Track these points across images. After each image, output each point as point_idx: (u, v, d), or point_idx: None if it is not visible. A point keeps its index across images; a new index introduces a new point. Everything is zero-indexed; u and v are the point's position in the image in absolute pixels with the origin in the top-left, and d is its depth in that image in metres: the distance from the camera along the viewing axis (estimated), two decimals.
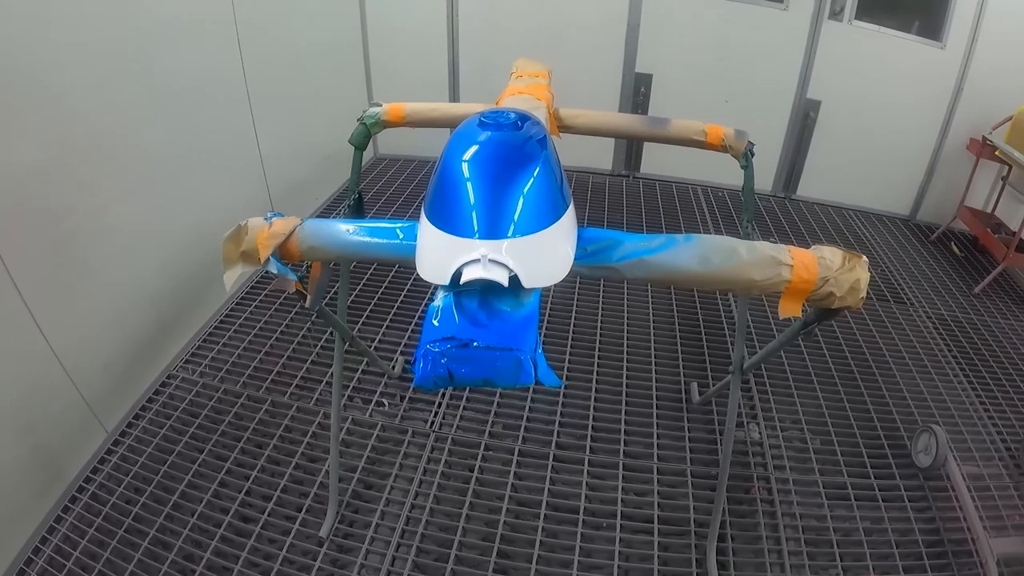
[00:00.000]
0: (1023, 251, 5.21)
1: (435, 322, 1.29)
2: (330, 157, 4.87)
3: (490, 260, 1.20)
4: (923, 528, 3.02)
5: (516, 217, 1.27)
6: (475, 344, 1.24)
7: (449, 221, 1.29)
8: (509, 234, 1.25)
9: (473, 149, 1.36)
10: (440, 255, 1.26)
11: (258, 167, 4.04)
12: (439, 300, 1.31)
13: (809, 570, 2.73)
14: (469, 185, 1.30)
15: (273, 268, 1.59)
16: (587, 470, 3.04)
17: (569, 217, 1.43)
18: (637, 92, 5.56)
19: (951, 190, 5.83)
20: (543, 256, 1.31)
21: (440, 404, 3.29)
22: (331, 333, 3.31)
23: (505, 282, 1.21)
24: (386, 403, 3.29)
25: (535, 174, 1.34)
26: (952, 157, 5.86)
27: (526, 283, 1.24)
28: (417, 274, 1.31)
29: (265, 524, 2.68)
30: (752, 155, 2.45)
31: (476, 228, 1.25)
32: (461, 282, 1.22)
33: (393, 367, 3.40)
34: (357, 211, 2.49)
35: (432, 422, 3.20)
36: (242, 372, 3.39)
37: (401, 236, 1.51)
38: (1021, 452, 3.54)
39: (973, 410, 3.87)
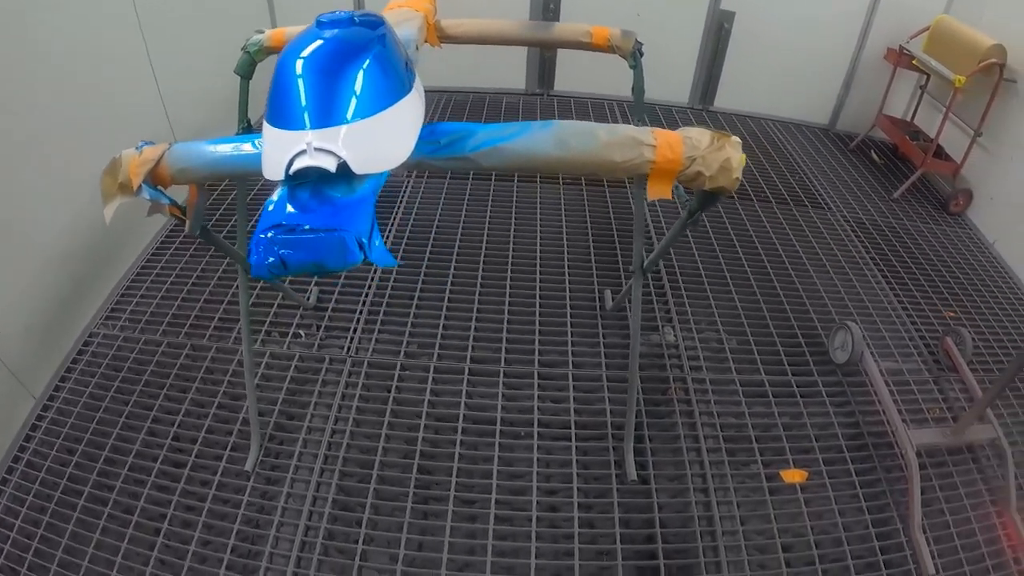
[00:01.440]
0: (940, 157, 5.26)
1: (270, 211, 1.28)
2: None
3: (316, 148, 1.21)
4: (842, 422, 3.06)
5: (344, 105, 1.28)
6: (303, 227, 1.22)
7: (282, 117, 1.29)
8: (337, 122, 1.26)
9: (303, 46, 1.37)
10: (275, 151, 1.27)
11: (159, 109, 3.85)
12: (276, 194, 1.29)
13: (729, 465, 2.74)
14: (300, 81, 1.31)
15: (146, 194, 1.61)
16: (503, 381, 3.00)
17: (407, 105, 1.43)
18: (547, 8, 5.37)
19: (870, 99, 5.82)
20: (374, 142, 1.31)
21: (355, 330, 3.22)
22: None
23: (333, 168, 1.21)
24: (303, 334, 3.21)
25: (364, 65, 1.34)
26: (870, 67, 5.84)
27: (356, 169, 1.23)
28: None
29: (194, 466, 2.62)
30: (641, 55, 2.42)
31: (307, 120, 1.25)
32: (291, 172, 1.22)
33: (308, 298, 3.31)
34: None
35: (348, 348, 3.14)
36: (161, 321, 3.26)
37: (259, 146, 1.50)
38: (940, 349, 3.57)
39: (892, 310, 3.91)
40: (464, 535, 2.44)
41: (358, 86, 1.30)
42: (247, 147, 1.55)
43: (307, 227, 1.21)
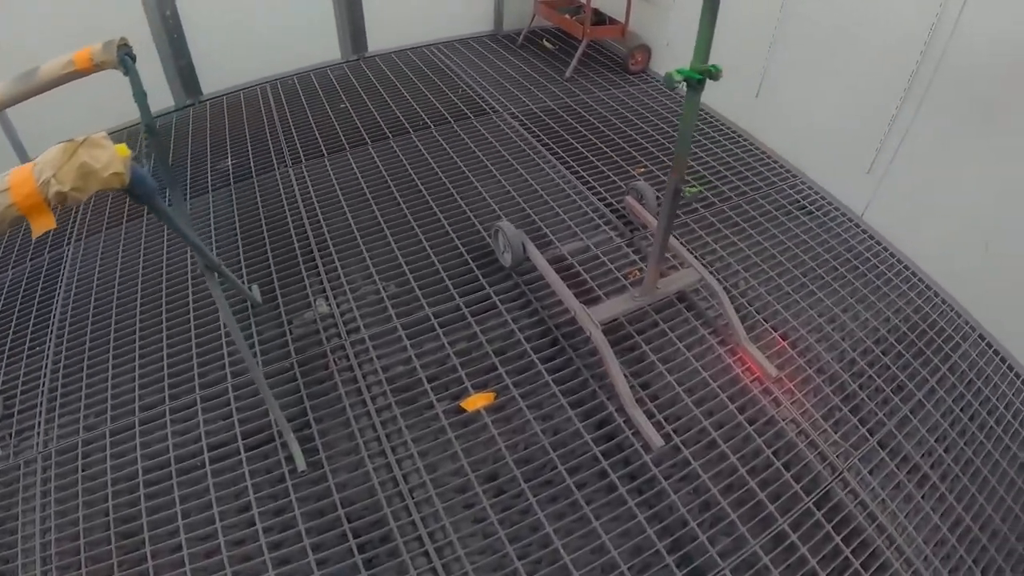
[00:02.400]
0: (604, 23, 5.30)
1: None
2: None
3: None
4: (526, 325, 2.96)
5: None
6: None
7: None
8: None
9: None
10: None
11: None
12: None
13: (402, 418, 2.58)
14: None
15: None
16: (169, 420, 2.77)
17: None
18: (164, 17, 4.87)
19: None
20: None
21: (39, 423, 2.94)
22: None
23: None
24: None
25: None
26: None
27: None
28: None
29: None
30: (133, 59, 2.23)
31: None
32: None
33: None
34: None
35: (36, 444, 2.86)
36: None
37: None
38: (627, 209, 3.53)
39: (572, 190, 3.85)
40: None
41: None
42: None
43: None
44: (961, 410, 2.86)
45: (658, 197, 3.38)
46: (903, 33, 3.27)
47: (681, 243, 3.30)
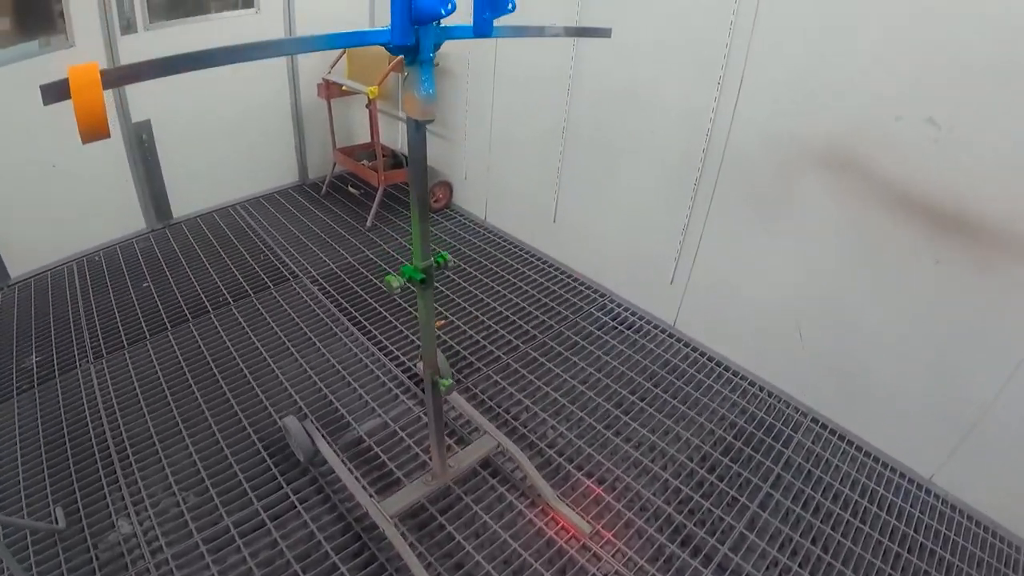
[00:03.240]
0: (401, 166, 5.43)
1: None
2: None
3: None
4: (327, 522, 2.96)
5: None
6: None
7: None
8: None
9: None
10: None
11: None
12: None
13: None
14: None
15: None
16: None
17: None
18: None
19: (328, 140, 5.85)
20: None
21: None
22: None
23: None
24: None
25: None
26: (313, 110, 5.93)
27: None
28: None
29: None
30: None
31: None
32: None
33: None
34: None
35: None
36: None
37: None
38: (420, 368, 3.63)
39: (370, 359, 3.91)
40: None
41: None
42: None
43: None
44: (802, 507, 3.02)
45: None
46: (683, 147, 3.58)
47: (483, 408, 3.48)
